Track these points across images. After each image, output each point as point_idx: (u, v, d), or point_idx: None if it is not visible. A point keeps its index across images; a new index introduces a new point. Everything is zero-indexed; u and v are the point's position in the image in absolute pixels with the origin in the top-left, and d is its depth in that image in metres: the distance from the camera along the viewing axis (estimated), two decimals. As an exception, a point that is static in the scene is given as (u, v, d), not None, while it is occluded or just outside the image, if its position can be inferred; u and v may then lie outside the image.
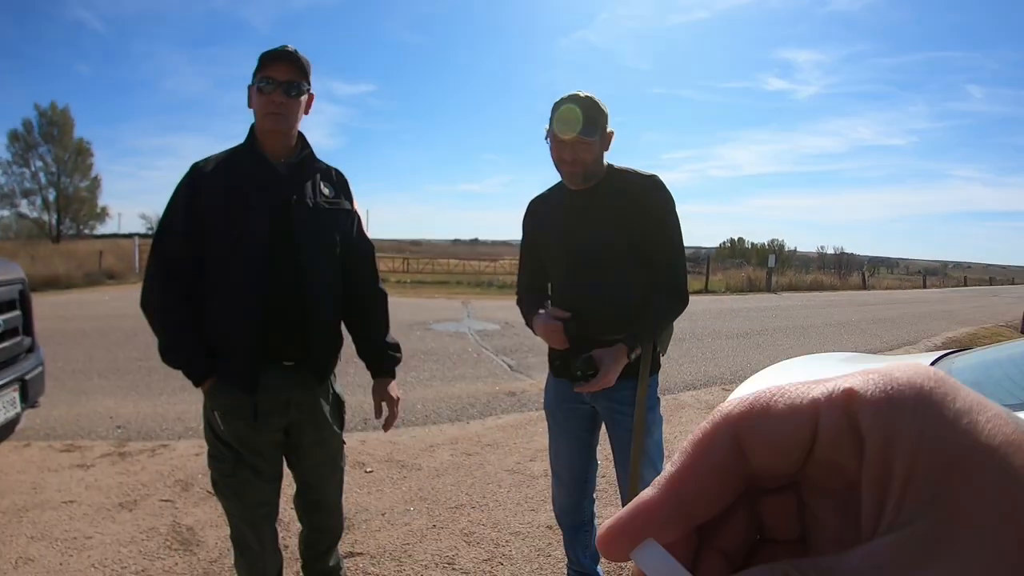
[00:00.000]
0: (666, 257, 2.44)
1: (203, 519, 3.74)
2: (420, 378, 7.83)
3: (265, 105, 2.33)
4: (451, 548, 3.51)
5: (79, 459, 4.73)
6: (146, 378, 7.12)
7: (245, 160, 2.39)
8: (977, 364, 1.82)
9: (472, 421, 6.05)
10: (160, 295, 2.39)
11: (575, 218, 2.50)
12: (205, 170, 2.37)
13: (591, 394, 2.47)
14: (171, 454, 4.88)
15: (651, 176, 2.46)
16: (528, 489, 4.33)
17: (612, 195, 2.44)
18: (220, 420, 2.37)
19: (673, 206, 2.46)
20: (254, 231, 2.30)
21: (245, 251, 2.30)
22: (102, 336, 10.07)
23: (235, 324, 2.34)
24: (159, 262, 2.39)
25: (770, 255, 34.73)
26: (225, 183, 2.34)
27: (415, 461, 4.87)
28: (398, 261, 31.95)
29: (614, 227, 2.42)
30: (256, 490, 2.45)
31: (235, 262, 2.31)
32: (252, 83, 2.37)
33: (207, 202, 2.31)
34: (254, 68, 2.36)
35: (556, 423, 2.74)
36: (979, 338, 13.62)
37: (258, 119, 2.39)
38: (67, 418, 5.82)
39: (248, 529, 2.48)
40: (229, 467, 2.40)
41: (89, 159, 51.81)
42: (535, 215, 2.70)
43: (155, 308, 2.39)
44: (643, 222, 2.40)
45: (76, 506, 3.90)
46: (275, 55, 2.35)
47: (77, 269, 21.90)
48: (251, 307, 2.31)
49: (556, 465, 2.77)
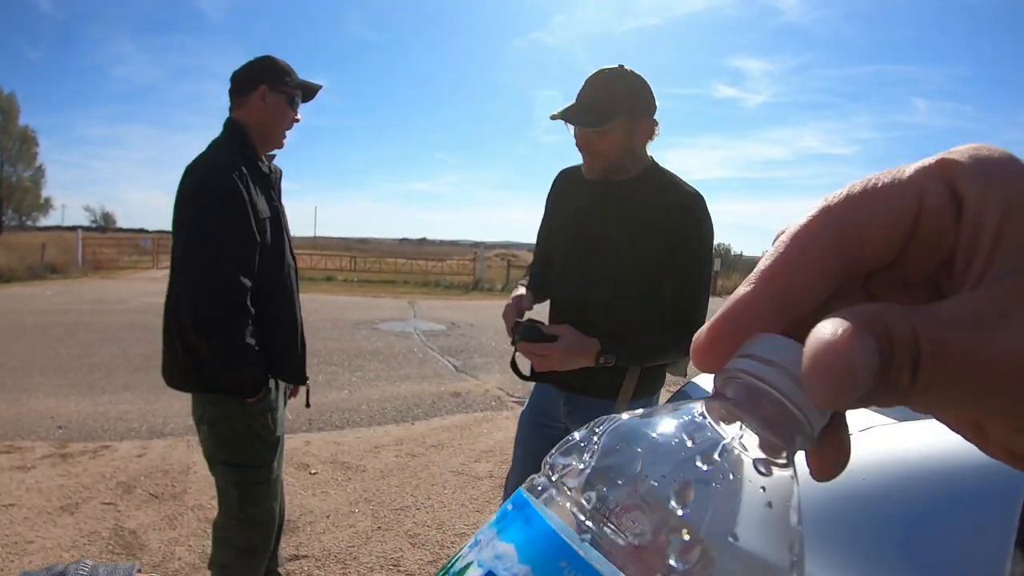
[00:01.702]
0: (690, 292, 2.10)
1: (146, 522, 3.72)
2: (365, 378, 7.84)
3: (290, 122, 2.50)
4: (396, 550, 3.55)
5: (19, 460, 4.65)
6: (88, 376, 7.01)
7: (254, 166, 2.41)
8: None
9: (417, 422, 6.07)
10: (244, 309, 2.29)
11: (590, 207, 2.21)
12: (244, 176, 2.32)
13: (567, 412, 2.27)
14: (113, 455, 4.83)
15: (695, 193, 2.13)
16: (473, 490, 4.37)
17: (642, 197, 2.12)
18: (272, 422, 2.45)
19: (710, 234, 2.14)
20: (286, 238, 2.52)
21: (286, 255, 2.50)
22: (43, 332, 9.84)
23: (292, 327, 2.52)
24: (241, 285, 2.27)
25: (716, 259, 35.08)
26: (260, 189, 2.40)
27: (360, 462, 4.88)
28: (345, 260, 31.59)
29: (638, 235, 2.10)
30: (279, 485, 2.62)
31: (282, 266, 2.47)
32: (271, 87, 2.41)
33: (255, 200, 2.34)
34: (273, 72, 2.43)
35: (521, 436, 2.47)
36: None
37: (273, 128, 2.46)
38: (7, 418, 5.71)
39: (269, 531, 2.57)
40: (268, 471, 2.49)
41: (34, 148, 50.96)
42: (557, 192, 2.42)
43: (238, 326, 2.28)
44: (674, 240, 2.06)
45: (16, 509, 3.85)
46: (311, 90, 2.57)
47: (19, 262, 21.34)
48: (297, 309, 2.55)
49: (510, 475, 2.51)
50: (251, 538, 2.50)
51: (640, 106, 2.08)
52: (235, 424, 2.38)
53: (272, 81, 2.41)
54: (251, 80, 2.42)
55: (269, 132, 2.45)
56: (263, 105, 2.40)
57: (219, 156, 2.34)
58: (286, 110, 2.45)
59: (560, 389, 2.29)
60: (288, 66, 2.48)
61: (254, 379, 2.34)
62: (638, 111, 2.07)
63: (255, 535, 2.50)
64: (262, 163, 2.44)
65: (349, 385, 7.43)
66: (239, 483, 2.44)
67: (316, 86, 2.57)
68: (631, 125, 2.06)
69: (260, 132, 2.44)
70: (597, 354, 2.01)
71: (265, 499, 2.48)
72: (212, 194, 2.24)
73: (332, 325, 11.72)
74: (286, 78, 2.45)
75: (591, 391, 2.21)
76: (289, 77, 2.46)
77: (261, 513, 2.49)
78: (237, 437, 2.40)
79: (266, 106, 2.40)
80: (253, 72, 2.43)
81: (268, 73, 2.42)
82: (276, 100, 2.42)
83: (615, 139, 2.07)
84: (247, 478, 2.44)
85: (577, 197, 2.28)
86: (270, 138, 2.47)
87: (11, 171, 50.01)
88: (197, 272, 2.23)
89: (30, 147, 50.50)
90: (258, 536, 2.51)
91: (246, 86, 2.41)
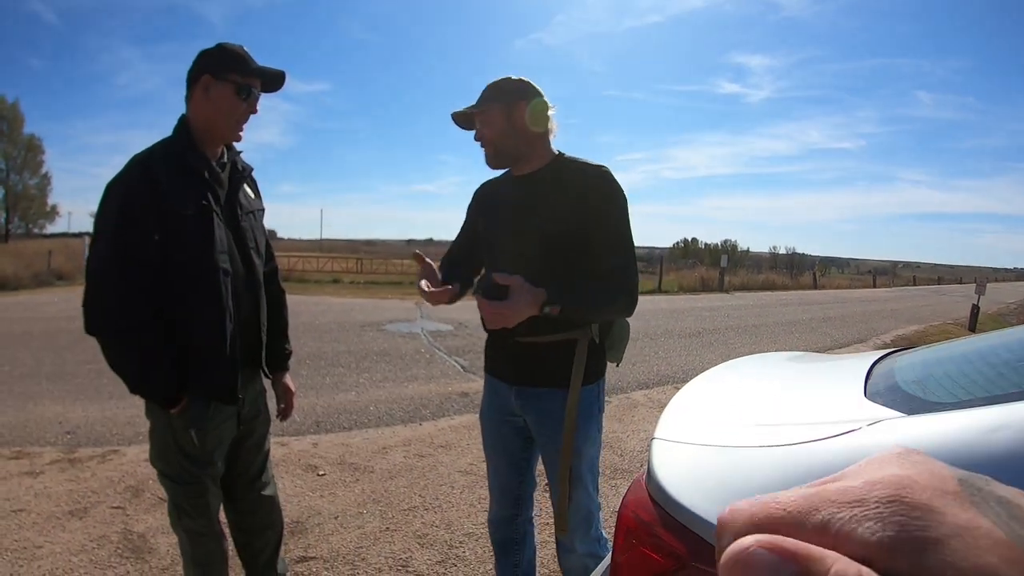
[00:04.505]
0: (611, 250, 2.20)
1: (154, 526, 3.71)
2: (373, 379, 7.83)
3: (242, 114, 2.29)
4: (405, 551, 3.53)
5: (28, 466, 4.66)
6: (95, 381, 7.01)
7: (191, 160, 2.23)
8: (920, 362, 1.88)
9: (425, 422, 6.05)
10: (128, 314, 2.15)
11: (513, 206, 2.35)
12: (158, 167, 2.16)
13: (520, 405, 2.37)
14: (121, 460, 4.83)
15: (599, 166, 2.27)
16: (481, 490, 4.35)
17: (554, 183, 2.27)
18: (196, 438, 2.27)
19: (621, 198, 2.25)
20: (220, 237, 2.25)
21: (212, 259, 2.22)
22: (50, 339, 9.86)
23: (216, 336, 2.25)
24: (121, 272, 2.12)
25: (723, 255, 35.20)
26: (183, 183, 2.19)
27: (368, 463, 4.87)
28: (351, 261, 31.67)
29: (553, 216, 2.23)
30: (218, 500, 2.45)
31: (205, 270, 2.21)
32: (216, 77, 2.22)
33: (171, 201, 2.13)
34: (218, 60, 2.24)
35: (486, 434, 2.58)
36: (927, 335, 13.99)
37: (220, 121, 2.27)
38: (15, 424, 5.73)
39: (215, 544, 2.44)
40: (200, 487, 2.34)
41: (39, 156, 51.17)
42: (479, 200, 2.58)
43: (121, 330, 2.16)
44: (586, 213, 2.19)
45: (25, 514, 3.85)
46: (273, 77, 2.34)
47: (25, 269, 21.42)
48: (227, 317, 2.26)
49: (489, 477, 2.63)
50: (199, 552, 2.43)
51: (515, 93, 2.28)
52: (161, 434, 2.31)
53: (216, 70, 2.22)
54: (194, 72, 2.25)
55: (215, 126, 2.27)
56: (205, 97, 2.23)
57: (138, 155, 2.20)
58: (235, 101, 2.24)
59: (509, 383, 2.39)
60: (241, 53, 2.27)
61: (155, 389, 2.24)
62: (513, 96, 2.28)
63: (200, 548, 2.42)
64: (203, 160, 2.26)
65: (356, 386, 7.42)
66: (173, 494, 2.36)
67: (277, 72, 2.33)
68: (507, 109, 2.27)
69: (205, 127, 2.27)
70: (543, 304, 2.05)
71: (200, 514, 2.36)
72: (106, 193, 2.16)
73: (339, 327, 11.71)
74: (234, 66, 2.24)
75: (540, 382, 2.31)
76: (239, 65, 2.25)
77: (201, 526, 2.38)
78: (166, 448, 2.30)
79: (209, 99, 2.22)
80: (198, 63, 2.25)
81: (212, 62, 2.24)
82: (221, 91, 2.22)
83: (494, 120, 2.28)
84: (178, 491, 2.34)
85: (495, 198, 2.48)
86: (217, 133, 2.29)
87: (17, 179, 50.22)
88: (88, 274, 2.18)
89: (36, 155, 50.73)
90: (201, 545, 2.42)
91: (190, 79, 2.26)
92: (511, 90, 2.29)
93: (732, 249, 64.56)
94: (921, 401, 1.45)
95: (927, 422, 1.29)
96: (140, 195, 2.11)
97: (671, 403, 1.84)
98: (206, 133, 2.28)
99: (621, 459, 5.07)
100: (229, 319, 2.27)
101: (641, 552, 1.32)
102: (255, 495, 2.61)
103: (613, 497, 4.19)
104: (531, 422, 2.38)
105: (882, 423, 1.31)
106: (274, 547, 2.71)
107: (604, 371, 2.40)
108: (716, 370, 2.27)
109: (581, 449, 2.27)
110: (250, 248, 2.40)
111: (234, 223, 2.35)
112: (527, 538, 2.63)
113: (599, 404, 2.37)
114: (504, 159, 2.35)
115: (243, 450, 2.53)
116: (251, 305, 2.41)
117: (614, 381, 7.51)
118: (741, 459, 1.35)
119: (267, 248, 2.60)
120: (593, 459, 2.36)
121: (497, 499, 2.59)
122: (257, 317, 2.45)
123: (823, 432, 1.31)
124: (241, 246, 2.36)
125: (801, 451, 1.28)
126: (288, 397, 2.73)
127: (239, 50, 2.27)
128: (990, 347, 1.82)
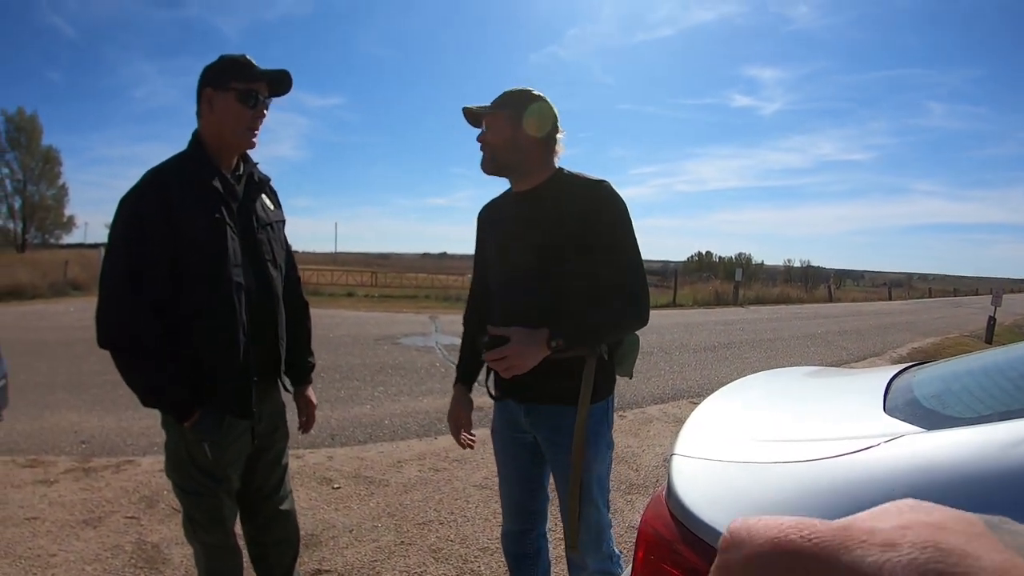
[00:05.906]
0: (615, 265, 2.20)
1: (168, 536, 3.71)
2: (388, 393, 7.83)
3: (250, 121, 2.26)
4: (419, 564, 3.52)
5: (42, 475, 4.67)
6: (111, 392, 7.02)
7: (203, 174, 2.22)
8: (939, 377, 1.86)
9: (440, 436, 6.02)
10: (138, 328, 2.16)
11: (515, 222, 2.34)
12: (171, 181, 2.16)
13: (530, 423, 2.36)
14: (136, 470, 4.84)
15: (599, 180, 2.25)
16: (496, 504, 4.32)
17: (555, 199, 2.25)
18: (209, 452, 2.25)
19: (624, 211, 2.23)
20: (234, 249, 2.23)
21: (226, 271, 2.20)
22: (66, 348, 9.93)
23: (230, 349, 2.23)
24: (133, 287, 2.13)
25: (737, 268, 35.14)
26: (196, 197, 2.18)
27: (383, 477, 4.86)
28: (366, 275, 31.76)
29: (553, 232, 2.21)
30: (233, 513, 2.44)
31: (218, 283, 2.19)
32: (217, 88, 2.22)
33: (183, 215, 2.13)
34: (217, 72, 2.24)
35: (497, 450, 2.57)
36: (943, 348, 13.90)
37: (227, 131, 2.25)
38: (30, 432, 5.76)
39: (230, 557, 2.43)
40: (215, 501, 2.31)
41: (57, 167, 51.53)
42: (483, 222, 2.55)
43: (132, 345, 2.18)
44: (588, 227, 2.18)
45: (39, 523, 3.86)
46: (277, 78, 2.30)
47: (42, 279, 21.59)
48: (240, 330, 2.24)
49: (501, 492, 2.61)
50: (213, 565, 2.42)
51: (525, 105, 2.26)
52: (175, 446, 2.30)
53: (217, 81, 2.22)
54: (199, 87, 2.25)
55: (224, 137, 2.25)
56: (211, 110, 2.22)
57: (151, 169, 2.22)
58: (239, 108, 2.22)
59: (518, 402, 2.38)
60: (239, 60, 2.25)
61: (166, 402, 2.23)
62: (525, 109, 2.26)
63: (215, 561, 2.41)
64: (216, 173, 2.25)
65: (371, 400, 7.42)
66: (187, 507, 2.35)
67: (280, 72, 2.29)
68: (516, 120, 2.25)
69: (216, 139, 2.26)
70: (548, 340, 2.10)
71: (215, 528, 2.35)
72: (119, 208, 2.16)
73: (353, 340, 11.76)
74: (234, 74, 2.22)
75: (550, 399, 2.29)
76: (239, 71, 2.23)
77: (216, 539, 2.37)
78: (180, 460, 2.29)
79: (214, 111, 2.22)
80: (201, 78, 2.25)
81: (212, 74, 2.23)
82: (225, 101, 2.21)
83: (501, 127, 2.26)
84: (192, 503, 2.33)
85: (499, 215, 2.46)
86: (227, 143, 2.28)
87: (34, 190, 50.58)
88: (100, 288, 2.19)
89: (53, 166, 51.09)
90: (220, 561, 2.41)
91: (197, 95, 2.25)
92: (524, 102, 2.27)
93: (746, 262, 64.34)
94: (940, 416, 1.44)
95: (946, 437, 1.28)
96: (153, 209, 2.11)
97: (690, 419, 1.83)
98: (218, 145, 2.27)
99: (637, 474, 5.04)
100: (243, 332, 2.25)
101: (661, 568, 1.31)
102: (272, 509, 2.60)
103: (629, 512, 4.18)
104: (541, 439, 2.37)
105: (902, 439, 1.30)
106: (290, 561, 2.70)
107: (613, 387, 2.38)
108: (734, 386, 2.26)
109: (591, 466, 2.26)
110: (266, 260, 2.38)
111: (249, 235, 2.32)
112: (541, 553, 2.60)
113: (608, 421, 2.36)
114: (499, 168, 2.33)
115: (261, 465, 2.51)
116: (267, 318, 2.38)
117: (629, 396, 7.50)
118: (761, 475, 1.34)
119: (288, 259, 2.57)
120: (603, 476, 2.34)
121: (509, 514, 2.58)
122: (275, 331, 2.42)
123: (843, 448, 1.30)
124: (256, 259, 2.34)
125: (822, 467, 1.27)
126: (310, 410, 2.72)
127: (239, 58, 2.26)
128: (1008, 360, 1.81)
